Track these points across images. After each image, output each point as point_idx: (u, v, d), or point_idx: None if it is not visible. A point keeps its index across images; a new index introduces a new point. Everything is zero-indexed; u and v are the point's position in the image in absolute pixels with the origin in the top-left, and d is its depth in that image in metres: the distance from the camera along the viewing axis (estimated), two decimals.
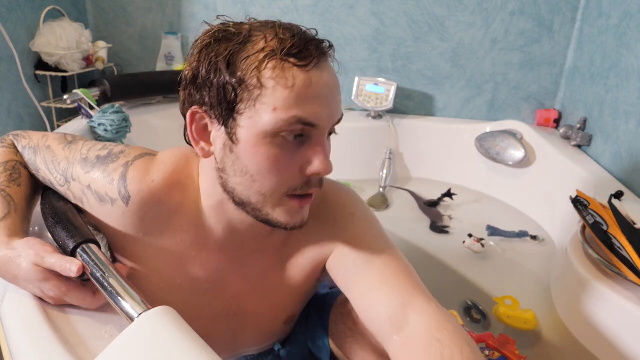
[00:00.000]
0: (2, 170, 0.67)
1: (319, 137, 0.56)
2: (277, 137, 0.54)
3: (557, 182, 1.52)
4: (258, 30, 0.55)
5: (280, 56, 0.52)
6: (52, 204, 0.67)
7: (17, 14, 1.52)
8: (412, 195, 1.74)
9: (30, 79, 1.59)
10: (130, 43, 1.95)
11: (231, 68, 0.53)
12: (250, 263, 0.69)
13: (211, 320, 0.71)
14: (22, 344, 0.54)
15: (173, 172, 0.63)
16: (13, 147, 0.71)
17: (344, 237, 0.66)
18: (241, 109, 0.54)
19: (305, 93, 0.53)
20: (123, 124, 1.40)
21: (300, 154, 0.56)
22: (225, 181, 0.58)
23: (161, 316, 0.51)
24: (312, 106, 0.54)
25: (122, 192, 0.61)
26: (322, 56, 0.55)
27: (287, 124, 0.53)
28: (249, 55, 0.53)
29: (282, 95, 0.52)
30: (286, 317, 0.77)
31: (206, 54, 0.55)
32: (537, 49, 1.79)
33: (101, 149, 0.65)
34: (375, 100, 1.82)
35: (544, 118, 1.82)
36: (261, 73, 0.52)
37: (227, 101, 0.54)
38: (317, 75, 0.54)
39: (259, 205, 0.58)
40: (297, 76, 0.53)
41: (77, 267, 0.56)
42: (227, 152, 0.56)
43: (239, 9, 1.84)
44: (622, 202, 1.05)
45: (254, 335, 0.77)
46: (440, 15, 1.80)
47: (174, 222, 0.64)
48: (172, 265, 0.66)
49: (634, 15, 1.38)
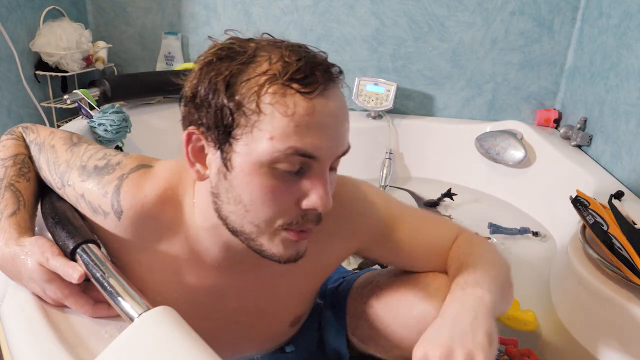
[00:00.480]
0: (12, 163, 0.67)
1: (319, 169, 0.52)
2: (273, 167, 0.50)
3: (557, 182, 1.52)
4: (264, 50, 0.51)
5: (283, 81, 0.49)
6: (52, 204, 0.67)
7: (17, 14, 1.52)
8: (412, 195, 1.74)
9: (30, 79, 1.59)
10: (130, 43, 1.95)
11: (230, 90, 0.50)
12: (251, 278, 0.67)
13: (211, 330, 0.68)
14: (22, 344, 0.54)
15: (167, 188, 0.60)
16: (22, 140, 0.71)
17: (377, 225, 0.69)
18: (237, 134, 0.50)
19: (307, 122, 0.49)
20: (123, 124, 1.40)
21: (298, 186, 0.52)
22: (219, 207, 0.55)
23: (161, 316, 0.51)
24: (313, 137, 0.50)
25: (115, 206, 0.60)
26: (329, 82, 0.51)
27: (284, 155, 0.49)
28: (250, 77, 0.50)
29: (280, 124, 0.49)
30: (293, 318, 0.76)
31: (207, 72, 0.51)
32: (537, 49, 1.79)
33: (100, 158, 0.64)
34: (375, 100, 1.82)
35: (544, 118, 1.82)
36: (260, 98, 0.49)
37: (223, 125, 0.50)
38: (322, 103, 0.50)
39: (252, 236, 0.54)
40: (298, 103, 0.49)
41: (79, 275, 0.56)
42: (221, 178, 0.53)
43: (239, 9, 1.84)
44: (622, 202, 1.05)
45: (258, 341, 0.76)
46: (440, 15, 1.80)
47: (167, 238, 0.62)
48: (167, 279, 0.64)
49: (634, 15, 1.38)
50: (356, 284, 0.80)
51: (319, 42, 1.86)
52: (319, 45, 1.87)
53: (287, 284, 0.70)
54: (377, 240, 0.70)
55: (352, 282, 0.81)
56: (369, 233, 0.69)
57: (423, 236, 0.72)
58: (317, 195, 0.51)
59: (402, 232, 0.70)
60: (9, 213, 0.62)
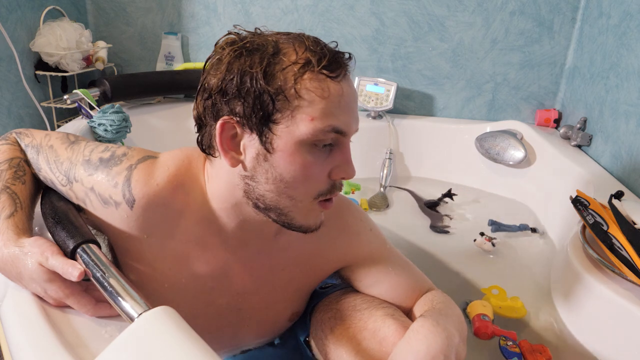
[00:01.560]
0: (7, 167, 0.67)
1: (345, 144, 0.60)
2: (313, 145, 0.57)
3: (557, 182, 1.52)
4: (284, 42, 0.57)
5: (316, 68, 0.55)
6: (52, 204, 0.67)
7: (17, 14, 1.52)
8: (412, 195, 1.74)
9: (30, 79, 1.59)
10: (130, 43, 1.95)
11: (268, 78, 0.55)
12: (256, 264, 0.71)
13: (215, 316, 0.72)
14: (22, 344, 0.54)
15: (177, 175, 0.63)
16: (17, 144, 0.71)
17: (366, 251, 0.75)
18: (278, 118, 0.56)
19: (339, 103, 0.57)
20: (123, 124, 1.40)
21: (330, 160, 0.59)
22: (253, 188, 0.60)
23: (161, 316, 0.51)
24: (345, 115, 0.58)
25: (127, 195, 0.62)
26: (347, 67, 0.59)
27: (323, 133, 0.56)
28: (285, 66, 0.55)
29: (319, 106, 0.55)
30: (291, 313, 0.79)
31: (239, 64, 0.56)
32: (537, 49, 1.79)
33: (103, 150, 0.66)
34: (375, 100, 1.82)
35: (544, 118, 1.82)
36: (299, 84, 0.55)
37: (263, 110, 0.55)
38: (346, 85, 0.58)
39: (285, 210, 0.60)
40: (330, 87, 0.56)
41: (79, 273, 0.56)
42: (260, 161, 0.58)
43: (239, 9, 1.84)
44: (622, 202, 1.05)
45: (257, 330, 0.78)
46: (440, 15, 1.80)
47: (178, 224, 0.64)
48: (177, 265, 0.66)
49: (634, 15, 1.38)
50: (321, 305, 0.79)
51: None
52: None
53: (288, 277, 0.73)
54: (364, 263, 0.76)
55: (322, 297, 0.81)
56: (360, 253, 0.76)
57: (407, 276, 0.77)
58: (347, 165, 0.60)
59: (386, 264, 0.76)
60: (6, 215, 0.62)
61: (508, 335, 0.97)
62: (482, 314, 1.01)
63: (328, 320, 0.74)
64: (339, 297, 0.77)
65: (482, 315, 1.00)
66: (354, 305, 0.74)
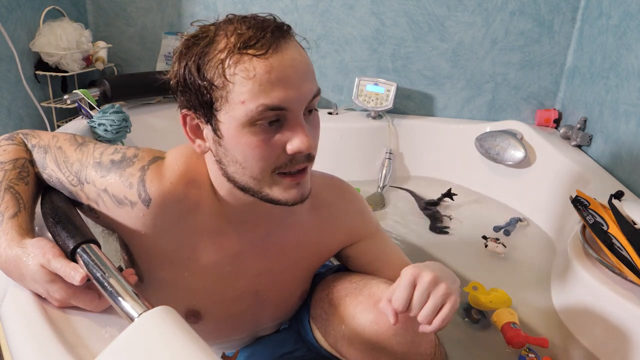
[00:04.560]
0: (12, 167, 0.68)
1: (293, 117, 0.58)
2: (253, 125, 0.57)
3: (557, 182, 1.52)
4: (221, 29, 0.58)
5: (238, 51, 0.55)
6: (52, 204, 0.67)
7: (17, 14, 1.52)
8: (412, 195, 1.74)
9: (30, 79, 1.59)
10: (130, 43, 1.95)
11: (200, 72, 0.57)
12: (268, 245, 0.74)
13: (234, 300, 0.76)
14: (22, 344, 0.54)
15: (187, 171, 0.67)
16: (23, 145, 0.72)
17: (368, 229, 0.81)
18: (217, 106, 0.58)
19: (267, 79, 0.55)
20: (123, 124, 1.40)
21: (280, 136, 0.59)
22: (225, 171, 0.62)
23: (161, 316, 0.51)
24: (277, 91, 0.56)
25: (143, 195, 0.64)
26: (280, 39, 0.57)
27: (258, 113, 0.56)
28: (212, 57, 0.57)
29: (246, 88, 0.55)
30: (301, 292, 0.83)
31: (183, 59, 0.59)
32: (537, 49, 1.79)
33: (113, 152, 0.67)
34: (375, 100, 1.82)
35: (544, 118, 1.82)
36: (225, 71, 0.56)
37: (204, 101, 0.58)
38: (278, 59, 0.56)
39: (256, 188, 0.62)
40: (256, 66, 0.55)
41: (81, 277, 0.56)
42: (217, 146, 0.61)
43: (239, 9, 1.84)
44: (622, 202, 1.05)
45: (274, 312, 0.83)
46: (440, 15, 1.80)
47: (193, 217, 0.68)
48: (194, 255, 0.70)
49: (634, 15, 1.38)
50: (319, 286, 0.84)
51: (318, 42, 1.87)
52: (319, 45, 1.87)
53: (298, 256, 0.77)
54: (365, 240, 0.81)
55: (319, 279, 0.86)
56: (363, 231, 0.81)
57: (397, 253, 0.84)
58: (298, 139, 0.58)
59: (382, 242, 0.83)
60: (10, 215, 0.62)
61: (540, 342, 0.95)
62: (512, 322, 0.98)
63: (326, 296, 0.78)
64: (336, 276, 0.82)
65: (512, 324, 0.97)
66: (349, 279, 0.78)
